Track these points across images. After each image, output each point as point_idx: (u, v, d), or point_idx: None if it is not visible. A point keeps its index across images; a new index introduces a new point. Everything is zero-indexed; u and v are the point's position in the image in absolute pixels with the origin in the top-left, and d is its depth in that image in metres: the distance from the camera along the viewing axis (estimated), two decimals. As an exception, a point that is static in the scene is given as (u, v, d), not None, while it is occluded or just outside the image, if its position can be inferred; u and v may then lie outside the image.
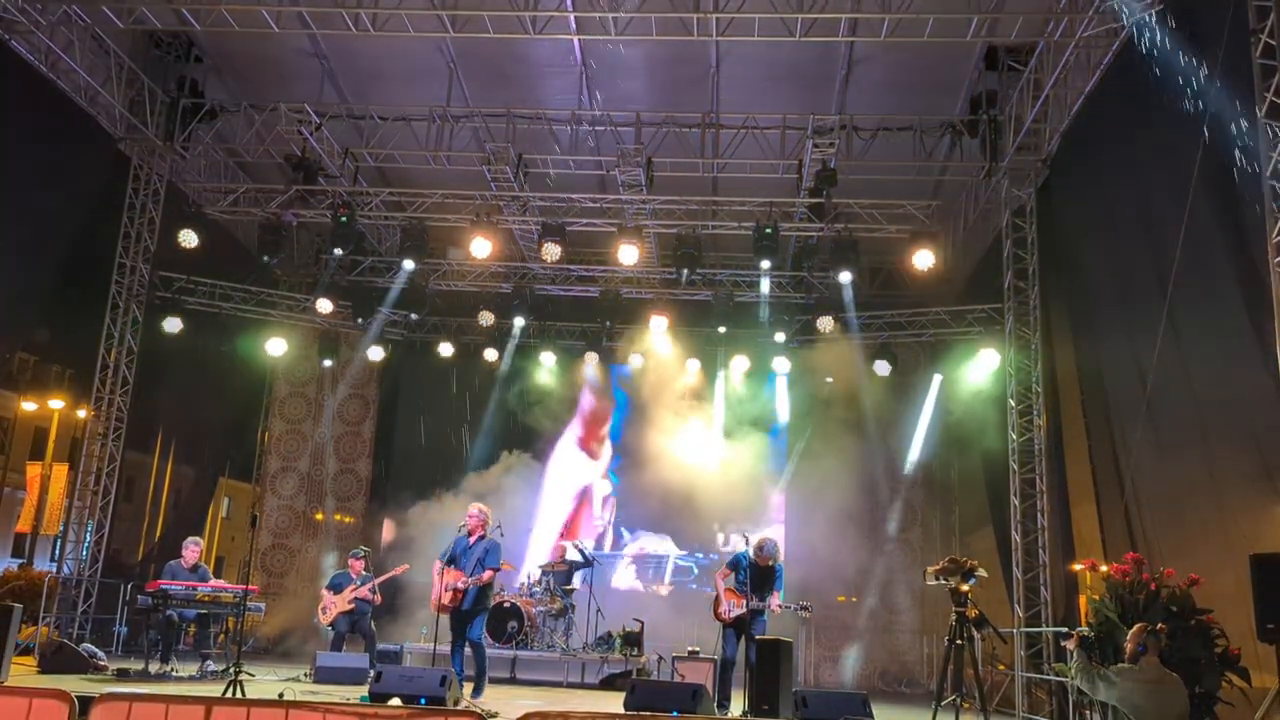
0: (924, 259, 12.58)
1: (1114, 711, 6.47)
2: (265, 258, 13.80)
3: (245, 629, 10.84)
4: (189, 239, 13.21)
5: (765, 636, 8.93)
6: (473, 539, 9.20)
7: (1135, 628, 6.64)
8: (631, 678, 10.57)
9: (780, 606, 9.23)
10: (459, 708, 7.59)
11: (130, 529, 15.90)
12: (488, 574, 9.05)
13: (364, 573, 11.84)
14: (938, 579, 7.01)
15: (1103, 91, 9.89)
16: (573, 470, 16.88)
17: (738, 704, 9.32)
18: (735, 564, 9.54)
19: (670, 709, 7.65)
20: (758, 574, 9.28)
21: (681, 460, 15.23)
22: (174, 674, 9.92)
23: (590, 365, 16.31)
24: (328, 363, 16.64)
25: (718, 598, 9.53)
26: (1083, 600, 10.14)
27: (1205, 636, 7.72)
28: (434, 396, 17.18)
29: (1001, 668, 11.66)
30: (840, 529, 14.89)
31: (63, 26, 11.03)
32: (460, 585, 8.96)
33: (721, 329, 15.02)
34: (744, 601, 9.22)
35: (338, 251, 13.88)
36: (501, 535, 9.47)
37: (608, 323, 15.39)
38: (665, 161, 12.72)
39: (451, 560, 9.13)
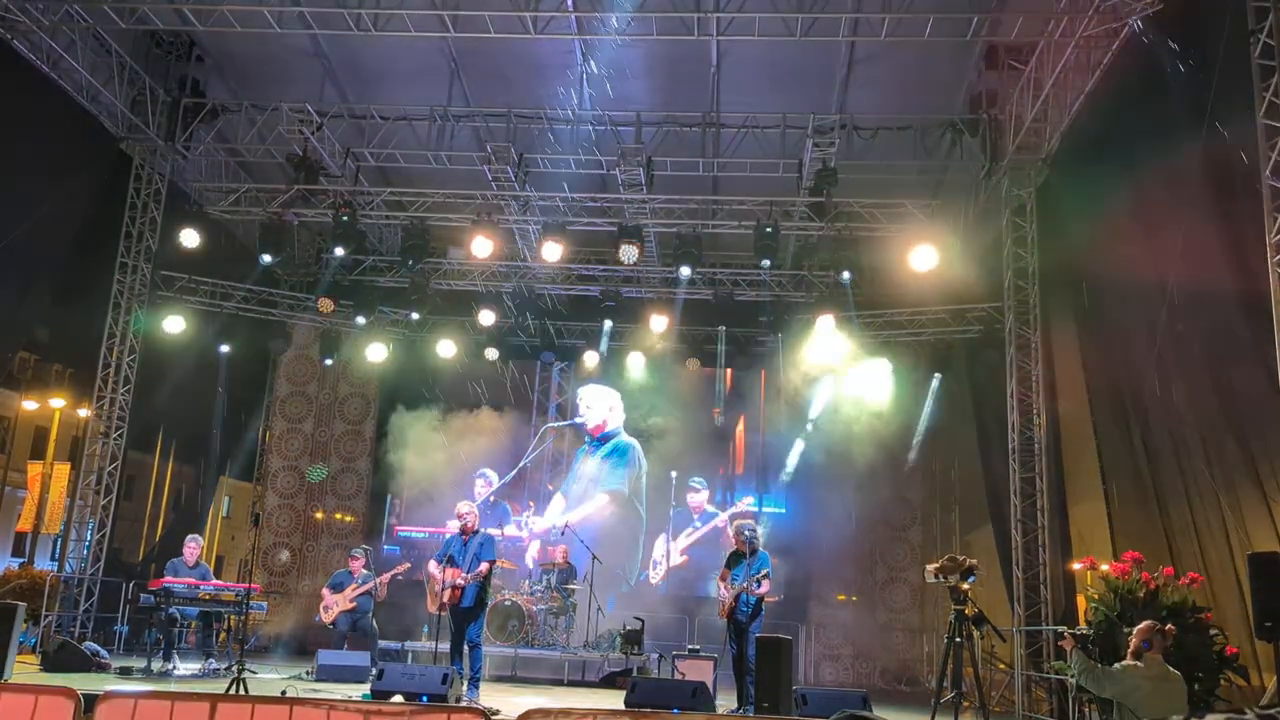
0: (924, 258, 12.59)
1: (1116, 708, 6.50)
2: (266, 257, 13.81)
3: (247, 627, 10.87)
4: (190, 238, 13.23)
5: (763, 634, 8.94)
6: (466, 537, 9.29)
7: (1143, 625, 6.67)
8: (632, 675, 10.60)
9: (756, 584, 9.12)
10: (461, 705, 7.62)
11: (131, 528, 15.94)
12: (484, 566, 9.13)
13: (365, 571, 11.90)
14: (937, 577, 7.03)
15: (1103, 91, 9.90)
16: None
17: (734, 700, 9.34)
18: (729, 562, 9.58)
19: (671, 706, 7.68)
20: (739, 561, 9.30)
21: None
22: (176, 672, 9.95)
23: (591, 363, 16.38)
24: (328, 361, 16.67)
25: (720, 596, 9.54)
26: (1081, 600, 10.17)
27: (1204, 635, 7.77)
28: (434, 395, 17.21)
29: (1001, 666, 11.69)
30: (840, 528, 14.92)
31: (64, 26, 11.04)
32: (460, 582, 9.01)
33: (721, 328, 15.04)
34: (730, 592, 9.24)
35: (339, 251, 13.89)
36: (502, 536, 9.52)
37: (607, 322, 15.41)
38: (665, 161, 12.73)
39: (449, 560, 9.22)
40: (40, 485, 20.94)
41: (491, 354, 16.42)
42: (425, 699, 7.81)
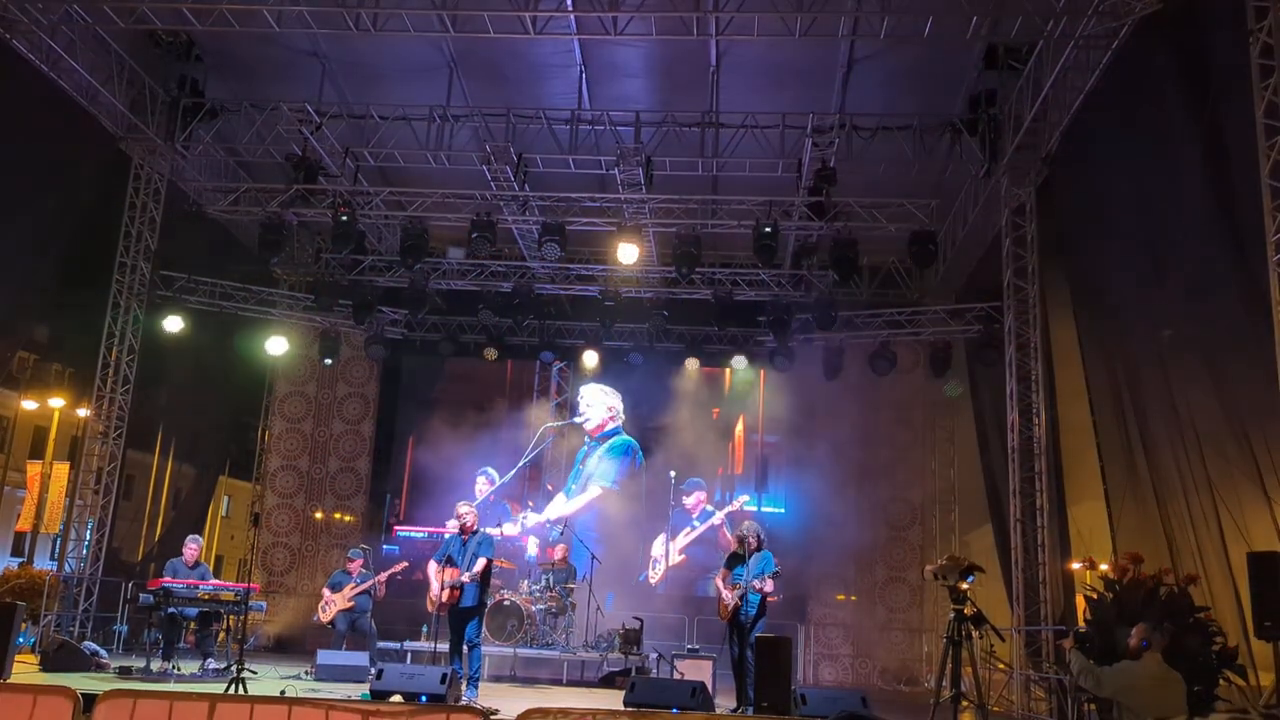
0: (922, 258, 12.59)
1: (1116, 708, 6.50)
2: (265, 257, 13.83)
3: (246, 627, 10.87)
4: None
5: (763, 634, 8.95)
6: (465, 537, 9.32)
7: (1141, 624, 6.67)
8: (631, 675, 10.60)
9: (762, 581, 9.15)
10: (460, 704, 7.62)
11: (130, 528, 15.92)
12: (482, 562, 9.16)
13: (363, 570, 11.90)
14: (936, 577, 7.02)
15: (1102, 90, 9.90)
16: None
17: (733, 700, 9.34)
18: (729, 562, 9.60)
19: (670, 706, 7.67)
20: (739, 560, 9.32)
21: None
22: (176, 672, 9.94)
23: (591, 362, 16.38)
24: (328, 361, 16.67)
25: (720, 597, 9.53)
26: (1080, 599, 10.17)
27: (1203, 635, 7.76)
28: (433, 394, 17.24)
29: (1000, 666, 11.68)
30: (840, 527, 14.91)
31: (64, 26, 11.02)
32: (462, 580, 9.04)
33: (720, 327, 15.06)
34: (733, 592, 9.25)
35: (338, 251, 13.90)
36: (502, 535, 9.54)
37: (607, 321, 15.40)
38: (665, 160, 12.72)
39: (447, 560, 9.25)
40: (40, 485, 20.94)
41: (491, 354, 16.42)
42: (424, 699, 7.81)
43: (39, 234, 11.96)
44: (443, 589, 9.13)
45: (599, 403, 16.62)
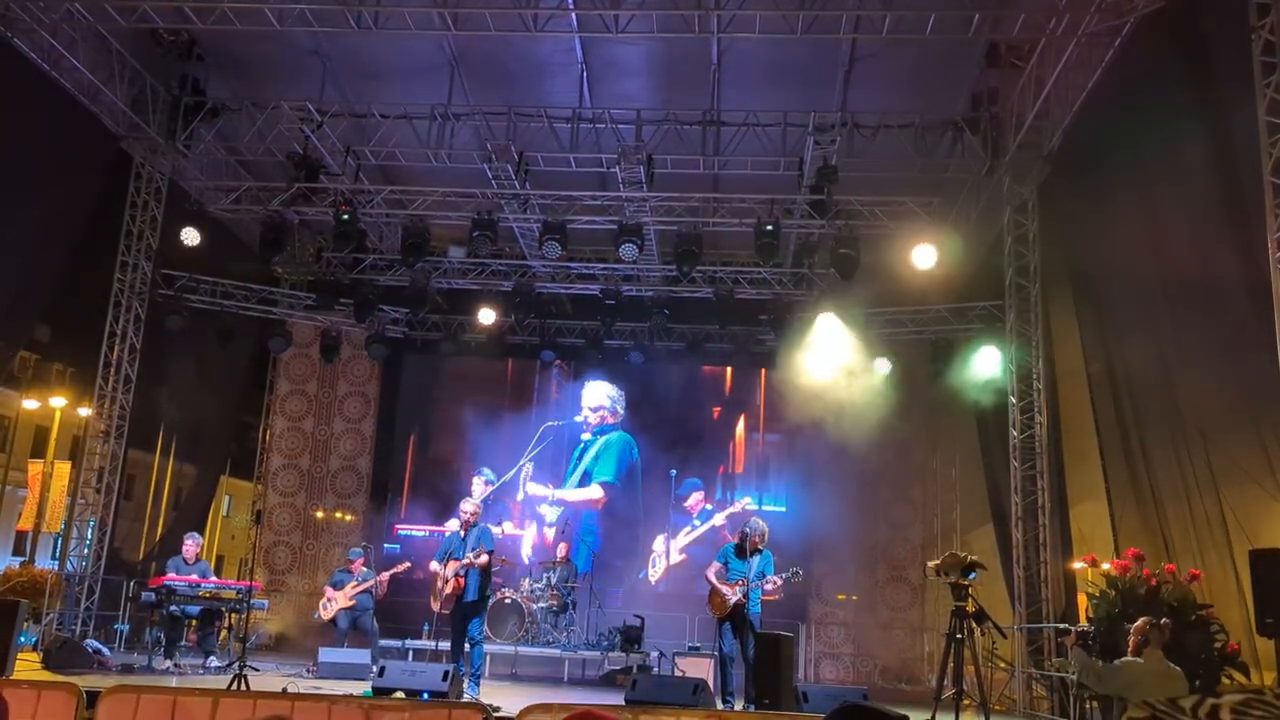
0: (925, 256, 12.58)
1: (1116, 705, 6.50)
2: (267, 256, 13.81)
3: (248, 625, 10.88)
4: (191, 236, 13.23)
5: (764, 631, 8.95)
6: (464, 531, 9.35)
7: (1139, 622, 6.67)
8: (632, 673, 10.61)
9: (777, 581, 9.21)
10: (462, 701, 7.62)
11: (132, 527, 15.92)
12: (484, 556, 9.18)
13: (364, 569, 11.92)
14: (938, 573, 7.02)
15: (1105, 88, 9.90)
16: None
17: (739, 700, 9.33)
18: (724, 557, 9.59)
19: (671, 703, 7.67)
20: (741, 557, 9.33)
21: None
22: (178, 670, 9.96)
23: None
24: (333, 359, 16.65)
25: (713, 592, 9.53)
26: (1081, 598, 10.17)
27: (1205, 632, 7.77)
28: (433, 393, 17.24)
29: (1002, 664, 11.68)
30: (841, 526, 14.91)
31: (65, 24, 11.01)
32: (466, 563, 9.09)
33: (721, 326, 15.06)
34: (736, 589, 9.25)
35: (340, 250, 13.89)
36: (502, 534, 9.56)
37: (608, 320, 15.39)
38: (666, 159, 12.71)
39: (449, 557, 9.28)
40: (41, 484, 20.97)
41: (491, 353, 16.42)
42: (426, 696, 7.81)
43: (40, 233, 11.97)
44: (446, 581, 9.18)
45: (598, 401, 16.62)
